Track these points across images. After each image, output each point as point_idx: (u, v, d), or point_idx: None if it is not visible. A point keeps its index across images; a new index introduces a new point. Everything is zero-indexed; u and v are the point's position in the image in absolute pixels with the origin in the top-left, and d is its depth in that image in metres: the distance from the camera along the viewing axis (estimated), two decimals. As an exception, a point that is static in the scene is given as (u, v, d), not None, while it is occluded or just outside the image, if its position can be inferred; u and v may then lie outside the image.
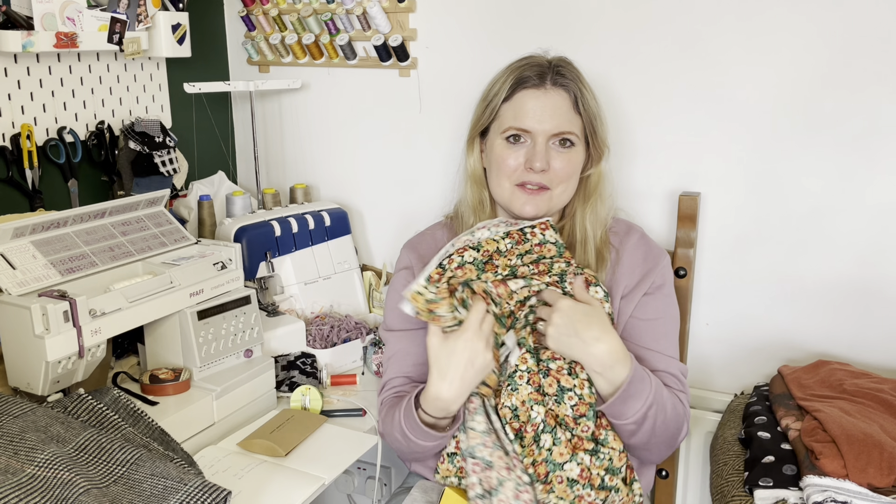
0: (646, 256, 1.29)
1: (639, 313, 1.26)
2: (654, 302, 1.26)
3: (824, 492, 1.05)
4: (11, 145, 1.49)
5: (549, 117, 1.23)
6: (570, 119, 1.24)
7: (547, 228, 1.23)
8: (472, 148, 1.33)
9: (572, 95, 1.25)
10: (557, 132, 1.23)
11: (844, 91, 1.39)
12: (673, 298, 1.30)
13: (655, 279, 1.27)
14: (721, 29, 1.45)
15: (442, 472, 1.24)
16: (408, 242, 1.41)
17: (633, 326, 1.25)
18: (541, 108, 1.23)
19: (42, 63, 1.53)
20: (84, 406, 1.12)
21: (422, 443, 1.19)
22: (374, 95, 1.82)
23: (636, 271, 1.28)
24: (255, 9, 1.84)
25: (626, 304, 1.26)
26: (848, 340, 1.48)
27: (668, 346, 1.26)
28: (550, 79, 1.24)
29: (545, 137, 1.24)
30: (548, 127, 1.23)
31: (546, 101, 1.23)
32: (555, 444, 1.14)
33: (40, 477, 0.93)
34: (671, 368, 1.24)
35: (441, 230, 1.40)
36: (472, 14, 1.66)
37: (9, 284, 1.14)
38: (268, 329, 1.49)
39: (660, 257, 1.30)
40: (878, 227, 1.42)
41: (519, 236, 1.22)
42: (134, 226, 1.37)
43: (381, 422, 1.29)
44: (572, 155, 1.26)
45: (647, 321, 1.25)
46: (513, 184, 1.26)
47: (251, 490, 1.13)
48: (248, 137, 2.00)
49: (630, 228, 1.34)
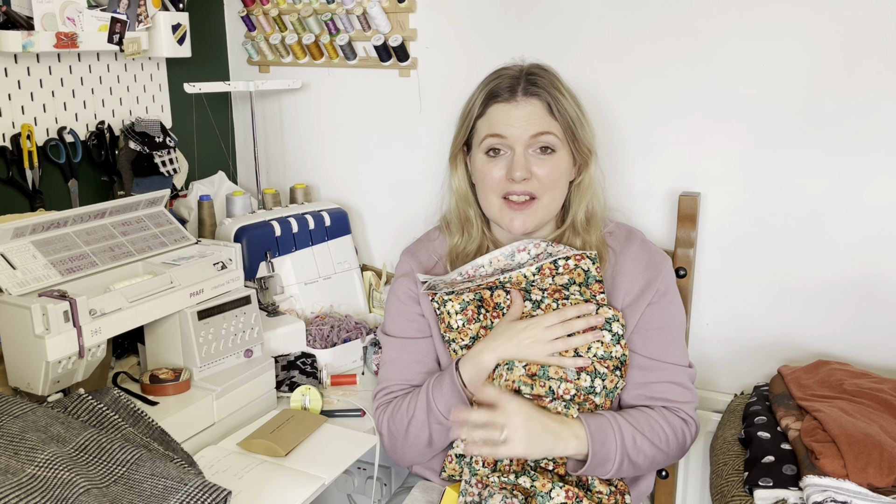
0: (648, 264, 1.28)
1: (644, 324, 1.25)
2: (658, 311, 1.25)
3: (824, 492, 1.05)
4: (11, 145, 1.49)
5: (523, 124, 1.22)
6: (547, 123, 1.23)
7: (582, 259, 1.23)
8: (456, 165, 1.34)
9: (545, 103, 1.23)
10: (535, 133, 1.22)
11: (844, 91, 1.39)
12: (678, 302, 1.30)
13: (659, 287, 1.26)
14: (721, 28, 1.45)
15: (448, 471, 1.26)
16: (407, 249, 1.41)
17: (639, 338, 1.25)
18: (515, 118, 1.22)
19: (42, 63, 1.53)
20: (84, 406, 1.12)
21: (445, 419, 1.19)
22: (374, 95, 1.82)
23: (638, 280, 1.26)
24: (255, 9, 1.84)
25: (630, 315, 1.25)
26: (848, 340, 1.48)
27: (675, 352, 1.25)
28: (521, 89, 1.23)
29: (523, 145, 1.22)
30: (523, 132, 1.22)
31: (519, 113, 1.22)
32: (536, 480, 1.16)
33: (40, 477, 0.93)
34: (678, 377, 1.23)
35: (439, 238, 1.39)
36: (472, 14, 1.66)
37: (9, 284, 1.14)
38: (268, 329, 1.49)
39: (662, 264, 1.29)
40: (878, 227, 1.42)
41: (551, 271, 1.23)
42: (134, 226, 1.37)
43: (387, 419, 1.28)
44: (555, 161, 1.24)
45: (653, 331, 1.25)
46: (499, 197, 1.26)
47: (251, 490, 1.13)
48: (248, 137, 2.00)
49: (630, 234, 1.33)
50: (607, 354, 1.19)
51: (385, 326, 1.36)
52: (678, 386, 1.23)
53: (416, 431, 1.23)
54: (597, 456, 1.13)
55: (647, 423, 1.18)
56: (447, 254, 1.35)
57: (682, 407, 1.22)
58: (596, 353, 1.19)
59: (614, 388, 1.20)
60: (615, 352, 1.20)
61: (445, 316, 1.26)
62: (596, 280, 1.23)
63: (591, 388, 1.18)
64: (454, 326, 1.25)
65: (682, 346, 1.27)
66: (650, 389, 1.22)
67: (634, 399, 1.23)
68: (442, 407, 1.20)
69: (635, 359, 1.24)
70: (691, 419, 1.23)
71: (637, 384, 1.23)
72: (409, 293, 1.33)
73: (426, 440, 1.23)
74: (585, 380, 1.17)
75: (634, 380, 1.23)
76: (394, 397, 1.29)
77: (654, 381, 1.22)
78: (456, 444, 1.25)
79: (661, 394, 1.22)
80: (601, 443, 1.13)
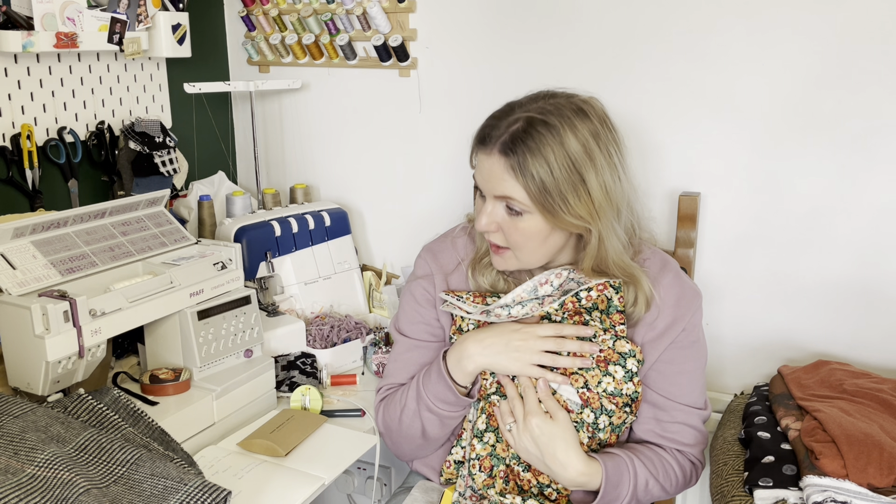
0: (678, 300, 1.19)
1: (664, 365, 1.19)
2: (681, 351, 1.19)
3: (824, 492, 1.05)
4: (11, 145, 1.49)
5: (486, 178, 1.14)
6: (509, 186, 1.10)
7: (606, 289, 1.16)
8: None
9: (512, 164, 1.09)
10: (496, 195, 1.13)
11: (844, 91, 1.39)
12: (702, 341, 1.23)
13: (686, 326, 1.19)
14: (721, 29, 1.45)
15: (446, 475, 1.26)
16: (428, 247, 1.33)
17: (657, 375, 1.19)
18: (484, 170, 1.14)
19: (42, 63, 1.53)
20: (84, 406, 1.12)
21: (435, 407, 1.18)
22: (374, 95, 1.82)
23: (665, 315, 1.18)
24: (255, 9, 1.84)
25: (650, 350, 1.18)
26: (848, 340, 1.48)
27: (692, 393, 1.20)
28: (497, 142, 1.11)
29: (491, 198, 1.15)
30: (488, 187, 1.14)
31: (486, 166, 1.13)
32: None
33: (40, 477, 0.93)
34: (691, 420, 1.20)
35: (463, 238, 1.31)
36: (472, 14, 1.66)
37: (9, 284, 1.14)
38: (268, 329, 1.49)
39: (692, 301, 1.20)
40: (878, 227, 1.42)
41: (574, 304, 1.17)
42: (134, 226, 1.37)
43: (383, 410, 1.27)
44: (521, 223, 1.13)
45: (673, 371, 1.19)
46: None
47: (251, 490, 1.13)
48: (248, 137, 2.00)
49: (665, 265, 1.23)
50: (617, 391, 1.13)
51: (398, 322, 1.32)
52: (691, 428, 1.20)
53: (408, 421, 1.22)
54: (607, 496, 1.11)
55: (662, 468, 1.17)
56: (470, 260, 1.28)
57: (692, 450, 1.20)
58: (606, 388, 1.13)
59: (622, 423, 1.16)
60: (626, 389, 1.14)
61: (458, 319, 1.25)
62: (618, 310, 1.16)
63: (595, 424, 1.14)
64: (464, 330, 1.24)
65: (700, 387, 1.22)
66: (662, 428, 1.19)
67: (645, 434, 1.20)
68: (431, 395, 1.18)
69: (650, 395, 1.19)
70: (699, 462, 1.22)
71: (649, 419, 1.20)
72: (426, 296, 1.28)
73: (419, 431, 1.22)
74: (589, 415, 1.14)
75: (647, 415, 1.20)
76: (394, 392, 1.29)
77: (667, 420, 1.19)
78: (454, 451, 1.25)
79: (673, 434, 1.19)
80: (614, 485, 1.12)
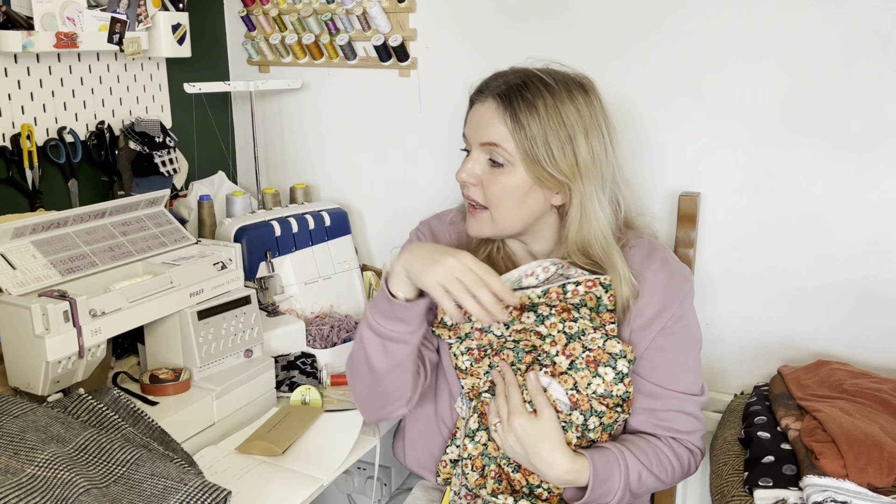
0: (666, 287, 1.17)
1: (654, 351, 1.17)
2: (671, 337, 1.17)
3: (824, 492, 1.05)
4: (11, 145, 1.49)
5: (476, 125, 1.13)
6: (498, 133, 1.10)
7: (595, 286, 1.14)
8: None
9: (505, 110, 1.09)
10: (482, 141, 1.12)
11: (844, 91, 1.39)
12: (694, 325, 1.20)
13: (675, 312, 1.16)
14: (721, 28, 1.45)
15: (444, 475, 1.25)
16: (426, 222, 1.34)
17: (647, 363, 1.17)
18: (474, 118, 1.14)
19: (42, 63, 1.53)
20: (84, 406, 1.12)
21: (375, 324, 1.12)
22: (375, 95, 1.82)
23: (653, 303, 1.16)
24: (255, 9, 1.84)
25: (639, 339, 1.16)
26: (848, 340, 1.48)
27: (686, 380, 1.18)
28: (491, 89, 1.12)
29: (477, 149, 1.14)
30: (474, 135, 1.13)
31: (478, 113, 1.13)
32: None
33: (40, 477, 0.93)
34: (686, 406, 1.18)
35: (459, 223, 1.30)
36: (472, 14, 1.66)
37: (9, 284, 1.14)
38: (268, 329, 1.49)
39: (681, 286, 1.18)
40: (878, 226, 1.42)
41: (558, 295, 1.15)
42: (134, 226, 1.37)
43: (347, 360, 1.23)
44: (501, 177, 1.12)
45: (664, 358, 1.17)
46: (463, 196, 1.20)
47: (251, 490, 1.13)
48: (248, 137, 2.00)
49: (652, 251, 1.21)
50: (607, 393, 1.12)
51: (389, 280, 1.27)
52: (686, 415, 1.18)
53: (356, 351, 1.17)
54: (596, 491, 1.10)
55: (656, 457, 1.14)
56: (464, 245, 1.25)
57: (689, 437, 1.18)
58: (595, 390, 1.12)
59: (613, 423, 1.15)
60: (616, 390, 1.13)
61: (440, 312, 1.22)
62: (608, 309, 1.15)
63: (585, 426, 1.14)
64: (447, 323, 1.21)
65: (694, 372, 1.19)
66: (657, 417, 1.17)
67: (640, 424, 1.18)
68: (371, 311, 1.14)
69: (642, 384, 1.17)
70: (697, 449, 1.20)
71: (643, 409, 1.18)
72: None
73: (364, 359, 1.15)
74: (578, 417, 1.13)
75: (641, 405, 1.18)
76: None
77: (661, 409, 1.17)
78: (449, 450, 1.24)
79: (668, 422, 1.17)
80: (604, 480, 1.10)
